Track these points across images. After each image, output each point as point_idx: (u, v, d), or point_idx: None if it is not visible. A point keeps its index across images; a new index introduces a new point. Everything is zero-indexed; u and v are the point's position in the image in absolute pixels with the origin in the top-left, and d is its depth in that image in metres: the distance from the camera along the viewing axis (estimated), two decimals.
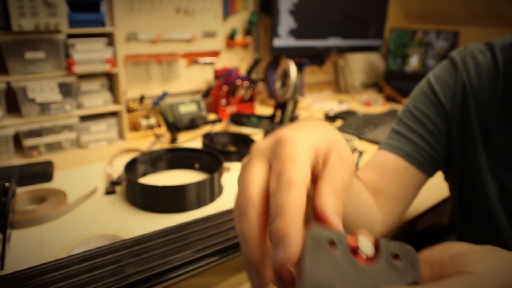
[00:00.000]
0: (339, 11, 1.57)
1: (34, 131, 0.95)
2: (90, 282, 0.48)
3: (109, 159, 0.94)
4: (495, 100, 0.58)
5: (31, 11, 0.86)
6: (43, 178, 0.81)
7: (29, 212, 0.66)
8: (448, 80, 0.62)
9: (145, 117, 1.18)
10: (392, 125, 0.65)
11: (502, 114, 0.58)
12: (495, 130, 0.59)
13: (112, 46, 1.03)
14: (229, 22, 1.43)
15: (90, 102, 1.04)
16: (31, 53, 0.92)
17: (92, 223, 0.66)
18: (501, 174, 0.59)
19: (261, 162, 0.26)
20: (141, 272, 0.50)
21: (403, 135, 0.62)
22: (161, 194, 0.70)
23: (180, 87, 1.35)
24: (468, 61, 0.61)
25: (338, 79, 1.92)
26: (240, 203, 0.25)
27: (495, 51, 0.60)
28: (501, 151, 0.58)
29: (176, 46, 1.30)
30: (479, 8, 1.72)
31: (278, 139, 0.26)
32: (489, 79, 0.59)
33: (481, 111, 0.60)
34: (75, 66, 0.97)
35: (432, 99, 0.62)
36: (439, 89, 0.62)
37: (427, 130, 0.61)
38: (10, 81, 0.90)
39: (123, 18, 1.16)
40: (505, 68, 0.58)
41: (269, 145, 0.27)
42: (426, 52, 1.87)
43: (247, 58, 1.53)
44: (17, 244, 0.59)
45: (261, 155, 0.27)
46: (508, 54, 0.59)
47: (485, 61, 0.60)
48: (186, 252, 0.55)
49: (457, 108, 0.61)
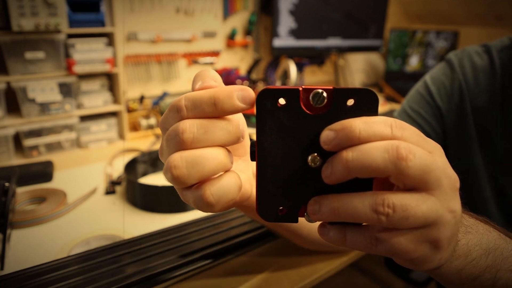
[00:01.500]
0: (339, 11, 1.57)
1: (34, 131, 0.95)
2: (90, 282, 0.48)
3: (109, 159, 0.94)
4: (492, 102, 0.58)
5: (31, 11, 0.86)
6: (43, 178, 0.81)
7: (29, 212, 0.66)
8: (445, 81, 0.62)
9: (145, 117, 1.18)
10: None
11: (499, 116, 0.58)
12: (492, 132, 0.59)
13: (112, 46, 1.03)
14: (229, 22, 1.43)
15: (90, 102, 1.04)
16: (31, 53, 0.92)
17: (92, 223, 0.66)
18: (498, 176, 0.59)
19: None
20: (141, 272, 0.50)
21: None
22: (161, 194, 0.70)
23: (180, 87, 1.35)
24: (465, 63, 0.61)
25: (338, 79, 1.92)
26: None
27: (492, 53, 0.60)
28: (498, 153, 0.58)
29: (176, 46, 1.29)
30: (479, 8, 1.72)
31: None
32: (486, 81, 0.59)
33: (478, 113, 0.59)
34: (75, 66, 0.97)
35: (428, 101, 0.62)
36: (436, 90, 0.62)
37: (423, 131, 0.61)
38: (10, 81, 0.90)
39: (123, 18, 1.16)
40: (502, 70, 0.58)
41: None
42: (426, 52, 1.87)
43: (247, 58, 1.53)
44: (17, 244, 0.59)
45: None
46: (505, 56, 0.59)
47: (482, 63, 0.60)
48: (186, 252, 0.55)
49: (454, 110, 0.61)
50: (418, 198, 0.23)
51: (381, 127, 0.23)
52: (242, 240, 0.59)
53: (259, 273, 0.55)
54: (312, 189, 0.25)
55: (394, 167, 0.22)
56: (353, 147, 0.23)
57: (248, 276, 0.55)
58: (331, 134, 0.23)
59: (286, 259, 0.59)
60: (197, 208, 0.26)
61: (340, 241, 0.26)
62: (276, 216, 0.27)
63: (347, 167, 0.23)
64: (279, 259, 0.58)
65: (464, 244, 0.30)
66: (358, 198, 0.23)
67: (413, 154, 0.22)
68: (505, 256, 0.32)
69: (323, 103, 0.24)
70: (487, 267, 0.31)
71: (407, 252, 0.24)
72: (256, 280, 0.54)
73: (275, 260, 0.58)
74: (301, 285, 0.54)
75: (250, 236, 0.60)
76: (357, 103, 0.24)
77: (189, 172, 0.25)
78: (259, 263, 0.57)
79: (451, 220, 0.25)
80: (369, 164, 0.22)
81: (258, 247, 0.61)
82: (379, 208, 0.23)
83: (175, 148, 0.25)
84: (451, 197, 0.25)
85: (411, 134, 0.24)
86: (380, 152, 0.22)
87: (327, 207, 0.24)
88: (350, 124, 0.23)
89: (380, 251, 0.25)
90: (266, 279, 0.55)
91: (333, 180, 0.24)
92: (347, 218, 0.24)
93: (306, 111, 0.24)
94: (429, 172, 0.23)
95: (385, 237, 0.24)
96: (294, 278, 0.55)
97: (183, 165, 0.24)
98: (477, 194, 0.60)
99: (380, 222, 0.23)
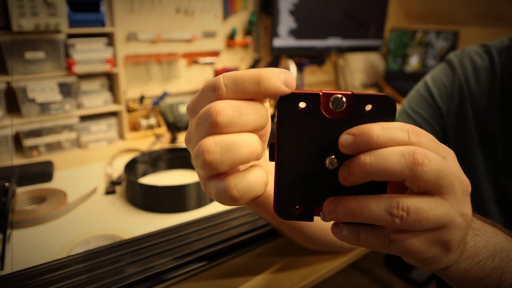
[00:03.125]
0: (339, 11, 1.57)
1: (34, 131, 0.95)
2: (90, 282, 0.48)
3: (109, 159, 0.94)
4: (493, 103, 0.58)
5: (31, 11, 0.86)
6: (43, 178, 0.81)
7: (29, 212, 0.66)
8: (445, 82, 0.62)
9: (145, 117, 1.18)
10: None
11: (499, 117, 0.58)
12: (492, 133, 0.58)
13: (112, 46, 1.03)
14: (229, 22, 1.43)
15: (90, 102, 1.04)
16: (31, 53, 0.92)
17: (92, 223, 0.66)
18: (498, 177, 0.58)
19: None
20: (141, 272, 0.50)
21: None
22: (161, 194, 0.70)
23: (180, 87, 1.35)
24: (466, 63, 0.61)
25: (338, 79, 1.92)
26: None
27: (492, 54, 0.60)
28: (499, 154, 0.58)
29: (176, 46, 1.29)
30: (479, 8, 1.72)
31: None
32: (486, 82, 0.59)
33: (478, 113, 0.59)
34: (75, 66, 0.96)
35: (428, 101, 0.62)
36: (436, 91, 0.62)
37: None
38: (10, 81, 0.90)
39: (123, 18, 1.16)
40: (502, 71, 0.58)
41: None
42: (426, 52, 1.87)
43: (247, 58, 1.53)
44: (17, 244, 0.59)
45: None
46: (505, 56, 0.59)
47: (483, 63, 0.60)
48: (186, 252, 0.55)
49: (454, 110, 0.61)
50: (431, 202, 0.24)
51: (399, 133, 0.24)
52: (242, 240, 0.59)
53: (259, 273, 0.55)
54: (328, 190, 0.26)
55: (410, 172, 0.23)
56: (371, 151, 0.24)
57: (248, 276, 0.55)
58: (349, 138, 0.24)
59: (286, 259, 0.59)
60: (218, 200, 0.26)
61: (353, 240, 0.26)
62: (293, 214, 0.27)
63: (364, 170, 0.23)
64: (279, 259, 0.58)
65: (472, 246, 0.31)
66: (374, 201, 0.24)
67: (429, 159, 0.23)
68: (511, 258, 0.33)
69: (342, 108, 0.25)
70: (494, 268, 0.32)
71: (418, 252, 0.25)
72: (256, 280, 0.54)
73: (275, 260, 0.58)
74: (301, 285, 0.55)
75: (250, 236, 0.60)
76: (375, 109, 0.25)
77: (223, 157, 0.23)
78: (259, 263, 0.57)
79: (462, 223, 0.26)
80: (386, 168, 0.23)
81: (258, 247, 0.61)
82: (394, 210, 0.24)
83: (206, 131, 0.24)
84: (463, 202, 0.26)
85: (426, 140, 0.25)
86: (397, 157, 0.23)
87: (342, 208, 0.25)
88: (368, 129, 0.24)
89: (393, 251, 0.26)
90: (266, 279, 0.55)
91: (350, 182, 0.25)
92: (362, 219, 0.25)
93: (325, 115, 0.25)
94: (443, 177, 0.24)
95: (398, 238, 0.25)
96: (294, 278, 0.55)
97: (217, 150, 0.23)
98: (478, 194, 0.60)
99: (395, 224, 0.24)
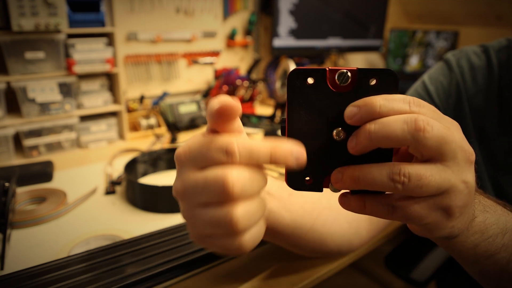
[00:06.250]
0: (339, 11, 1.57)
1: (34, 131, 0.95)
2: (90, 282, 0.48)
3: (109, 159, 0.94)
4: (490, 102, 0.59)
5: (31, 11, 0.86)
6: (43, 178, 0.81)
7: (29, 212, 0.66)
8: (443, 81, 0.62)
9: (145, 117, 1.18)
10: None
11: (496, 116, 0.58)
12: (489, 131, 0.59)
13: (112, 46, 1.03)
14: (229, 22, 1.43)
15: (90, 102, 1.04)
16: (31, 53, 0.92)
17: (92, 223, 0.66)
18: (497, 176, 0.59)
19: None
20: (141, 272, 0.50)
21: None
22: (161, 194, 0.70)
23: (180, 87, 1.35)
24: (463, 63, 0.62)
25: None
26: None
27: (489, 53, 0.60)
28: (497, 152, 0.58)
29: (176, 46, 1.30)
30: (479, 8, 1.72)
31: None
32: (483, 81, 0.59)
33: (476, 113, 0.60)
34: (75, 66, 0.97)
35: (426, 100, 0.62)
36: (434, 90, 0.62)
37: None
38: (10, 81, 0.90)
39: (123, 18, 1.16)
40: (499, 70, 0.59)
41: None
42: (426, 52, 1.87)
43: (247, 58, 1.53)
44: (17, 244, 0.59)
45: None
46: (503, 56, 0.59)
47: (480, 63, 0.61)
48: (186, 252, 0.55)
49: (452, 109, 0.61)
50: (432, 168, 0.25)
51: (400, 104, 0.25)
52: None
53: (259, 273, 0.55)
54: (336, 161, 0.28)
55: (412, 138, 0.24)
56: (375, 120, 0.25)
57: (248, 276, 0.55)
58: (354, 109, 0.26)
59: (286, 260, 0.59)
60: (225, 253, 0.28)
61: (360, 208, 0.28)
62: (303, 185, 0.29)
63: (370, 138, 0.25)
64: (279, 259, 0.58)
65: (481, 221, 0.32)
66: (377, 168, 0.26)
67: (431, 126, 0.24)
68: None
69: (348, 82, 0.26)
70: (503, 245, 0.33)
71: (420, 217, 0.27)
72: (256, 280, 0.54)
73: (275, 260, 0.58)
74: (301, 285, 0.55)
75: None
76: (378, 83, 0.26)
77: (247, 225, 0.26)
78: (259, 263, 0.57)
79: (463, 190, 0.26)
80: (389, 134, 0.24)
81: (258, 247, 0.61)
82: (396, 177, 0.25)
83: (216, 198, 0.26)
84: (465, 169, 0.27)
85: (428, 110, 0.26)
86: (399, 124, 0.24)
87: (348, 176, 0.26)
88: (371, 100, 0.25)
89: (396, 217, 0.27)
90: (266, 279, 0.55)
91: (358, 150, 0.26)
92: (366, 186, 0.26)
93: (332, 89, 0.27)
94: (445, 143, 0.25)
95: (401, 205, 0.26)
96: (294, 278, 0.55)
97: (245, 222, 0.26)
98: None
99: (397, 190, 0.25)
